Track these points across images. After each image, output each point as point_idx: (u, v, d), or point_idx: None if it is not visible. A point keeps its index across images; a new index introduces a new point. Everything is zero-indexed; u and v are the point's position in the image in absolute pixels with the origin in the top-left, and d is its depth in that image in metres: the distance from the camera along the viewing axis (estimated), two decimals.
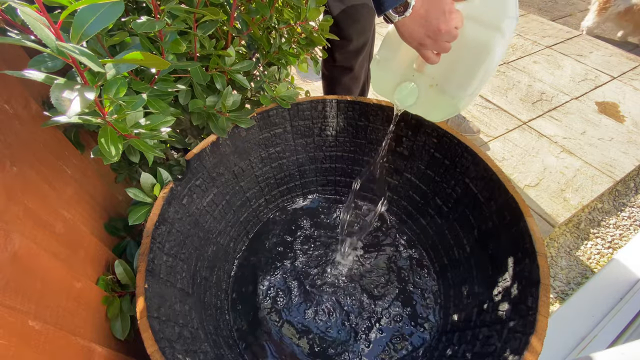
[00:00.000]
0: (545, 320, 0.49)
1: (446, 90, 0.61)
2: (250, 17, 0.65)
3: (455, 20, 0.50)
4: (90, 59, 0.30)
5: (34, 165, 0.50)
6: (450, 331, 0.72)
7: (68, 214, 0.53)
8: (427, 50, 0.54)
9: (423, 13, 0.50)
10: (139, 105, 0.45)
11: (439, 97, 0.63)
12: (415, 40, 0.53)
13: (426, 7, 0.50)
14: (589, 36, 2.11)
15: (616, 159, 1.36)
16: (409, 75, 0.65)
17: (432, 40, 0.52)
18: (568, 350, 0.87)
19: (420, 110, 0.67)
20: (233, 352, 0.72)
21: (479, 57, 0.56)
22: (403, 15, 0.50)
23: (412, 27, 0.52)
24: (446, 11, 0.49)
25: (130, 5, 0.58)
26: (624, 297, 0.95)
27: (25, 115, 0.51)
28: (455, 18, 0.50)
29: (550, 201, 1.20)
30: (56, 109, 0.31)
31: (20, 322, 0.37)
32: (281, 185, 0.95)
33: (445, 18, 0.49)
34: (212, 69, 0.65)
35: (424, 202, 0.87)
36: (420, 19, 0.51)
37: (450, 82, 0.60)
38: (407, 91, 0.66)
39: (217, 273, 0.80)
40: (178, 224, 0.65)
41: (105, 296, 0.56)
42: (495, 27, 0.53)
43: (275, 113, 0.79)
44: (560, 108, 1.60)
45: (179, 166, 0.65)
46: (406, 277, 0.85)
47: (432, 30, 0.50)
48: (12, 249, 0.39)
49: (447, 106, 0.63)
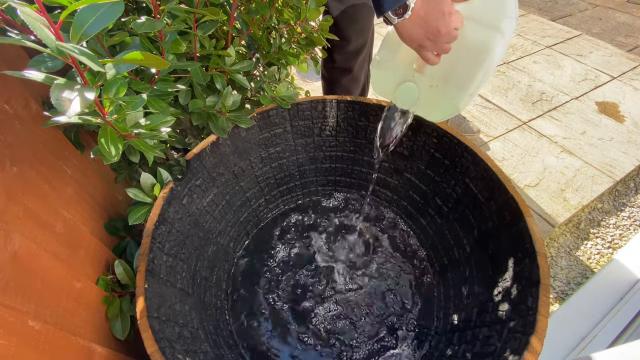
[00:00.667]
0: (545, 320, 0.49)
1: (446, 91, 0.61)
2: (250, 17, 0.65)
3: (455, 21, 0.50)
4: (90, 58, 0.30)
5: (34, 165, 0.50)
6: (450, 331, 0.72)
7: (68, 214, 0.53)
8: (426, 52, 0.54)
9: (422, 15, 0.50)
10: (139, 105, 0.45)
11: (439, 97, 0.62)
12: (415, 42, 0.53)
13: (425, 9, 0.49)
14: (588, 36, 2.11)
15: (616, 159, 1.36)
16: (409, 76, 0.65)
17: (431, 42, 0.52)
18: (568, 350, 0.87)
19: (421, 111, 0.67)
20: (233, 352, 0.72)
21: (478, 58, 0.55)
22: (402, 17, 0.50)
23: (412, 28, 0.52)
24: (445, 12, 0.49)
25: (130, 5, 0.58)
26: (624, 297, 0.95)
27: (25, 115, 0.51)
28: (455, 19, 0.50)
29: (550, 201, 1.20)
30: (56, 109, 0.31)
31: (20, 322, 0.37)
32: (281, 185, 0.95)
33: (444, 19, 0.49)
34: (212, 69, 0.65)
35: (424, 202, 0.87)
36: (420, 21, 0.50)
37: (450, 82, 0.60)
38: (408, 92, 0.66)
39: (217, 273, 0.80)
40: (178, 224, 0.65)
41: (105, 296, 0.56)
42: (495, 27, 0.53)
43: (275, 113, 0.79)
44: (560, 108, 1.60)
45: (179, 166, 0.65)
46: (406, 277, 0.85)
47: (432, 32, 0.50)
48: (12, 249, 0.39)
49: (448, 106, 0.63)
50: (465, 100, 0.60)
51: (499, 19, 0.52)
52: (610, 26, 2.25)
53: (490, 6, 0.52)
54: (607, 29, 2.22)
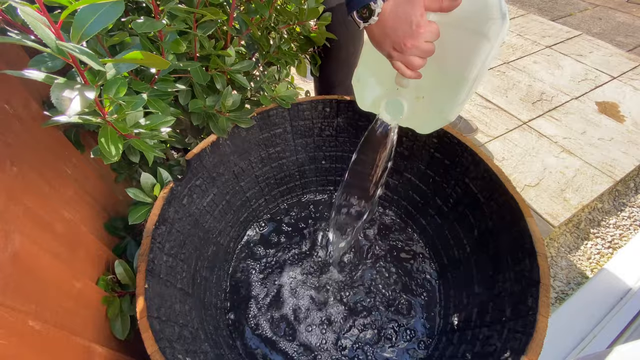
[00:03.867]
0: (545, 320, 0.49)
1: (434, 102, 0.58)
2: (249, 18, 0.65)
3: (425, 34, 0.45)
4: (91, 57, 0.30)
5: (34, 165, 0.50)
6: (450, 331, 0.72)
7: (68, 214, 0.53)
8: (397, 62, 0.49)
9: (390, 24, 0.46)
10: (139, 105, 0.45)
11: (428, 109, 0.59)
12: (384, 51, 0.49)
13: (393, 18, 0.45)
14: (588, 36, 2.11)
15: (616, 158, 1.36)
16: (393, 89, 0.61)
17: (399, 54, 0.48)
18: (568, 350, 0.87)
19: (411, 124, 0.64)
20: (233, 352, 0.72)
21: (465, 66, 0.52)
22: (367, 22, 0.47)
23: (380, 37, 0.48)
24: (413, 24, 0.44)
25: (130, 5, 0.58)
26: (624, 297, 0.95)
27: (25, 115, 0.51)
28: (425, 32, 0.45)
29: (550, 201, 1.20)
30: (56, 108, 0.31)
31: (20, 322, 0.37)
32: (281, 185, 0.95)
33: (411, 32, 0.44)
34: (212, 69, 0.65)
35: (424, 202, 0.87)
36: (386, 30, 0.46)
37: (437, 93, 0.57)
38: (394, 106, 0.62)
39: (217, 273, 0.80)
40: (178, 224, 0.65)
41: (105, 296, 0.56)
42: (478, 32, 0.48)
43: (275, 113, 0.79)
44: (560, 108, 1.60)
45: (179, 166, 0.65)
46: (406, 277, 0.85)
47: (398, 44, 0.46)
48: (12, 249, 0.39)
49: (438, 118, 0.59)
50: (456, 110, 0.57)
51: (481, 23, 0.48)
52: (610, 26, 2.25)
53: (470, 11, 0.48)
54: (607, 28, 2.22)
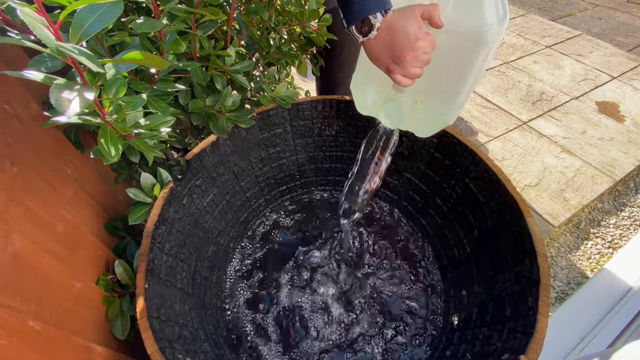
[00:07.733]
0: (545, 320, 0.49)
1: (432, 106, 0.58)
2: (249, 18, 0.65)
3: (424, 46, 0.46)
4: (90, 59, 0.30)
5: (34, 166, 0.50)
6: (450, 331, 0.72)
7: (68, 214, 0.53)
8: (396, 75, 0.50)
9: (388, 39, 0.47)
10: (139, 105, 0.45)
11: (427, 112, 0.60)
12: (383, 65, 0.50)
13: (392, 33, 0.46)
14: (588, 36, 2.11)
15: (616, 158, 1.36)
16: (391, 94, 0.61)
17: (398, 67, 0.48)
18: (568, 350, 0.87)
19: (411, 127, 0.64)
20: (233, 352, 0.72)
21: (462, 69, 0.52)
22: (367, 37, 0.47)
23: (378, 50, 0.49)
24: (412, 37, 0.45)
25: (130, 5, 0.58)
26: (624, 297, 0.95)
27: (25, 115, 0.51)
28: (424, 43, 0.46)
29: (550, 201, 1.20)
30: (56, 109, 0.31)
31: (20, 322, 0.37)
32: (281, 185, 0.95)
33: (411, 45, 0.46)
34: (212, 69, 0.65)
35: (424, 202, 0.87)
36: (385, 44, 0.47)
37: (435, 97, 0.57)
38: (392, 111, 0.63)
39: (217, 273, 0.80)
40: (178, 224, 0.65)
41: (105, 296, 0.56)
42: (474, 37, 0.49)
43: (275, 113, 0.79)
44: (560, 108, 1.59)
45: (179, 166, 0.65)
46: (406, 277, 0.85)
47: (397, 57, 0.47)
48: (12, 249, 0.39)
49: (437, 120, 0.60)
50: (455, 112, 0.58)
51: (477, 27, 0.48)
52: (610, 26, 2.25)
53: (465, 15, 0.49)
54: (607, 28, 2.22)
